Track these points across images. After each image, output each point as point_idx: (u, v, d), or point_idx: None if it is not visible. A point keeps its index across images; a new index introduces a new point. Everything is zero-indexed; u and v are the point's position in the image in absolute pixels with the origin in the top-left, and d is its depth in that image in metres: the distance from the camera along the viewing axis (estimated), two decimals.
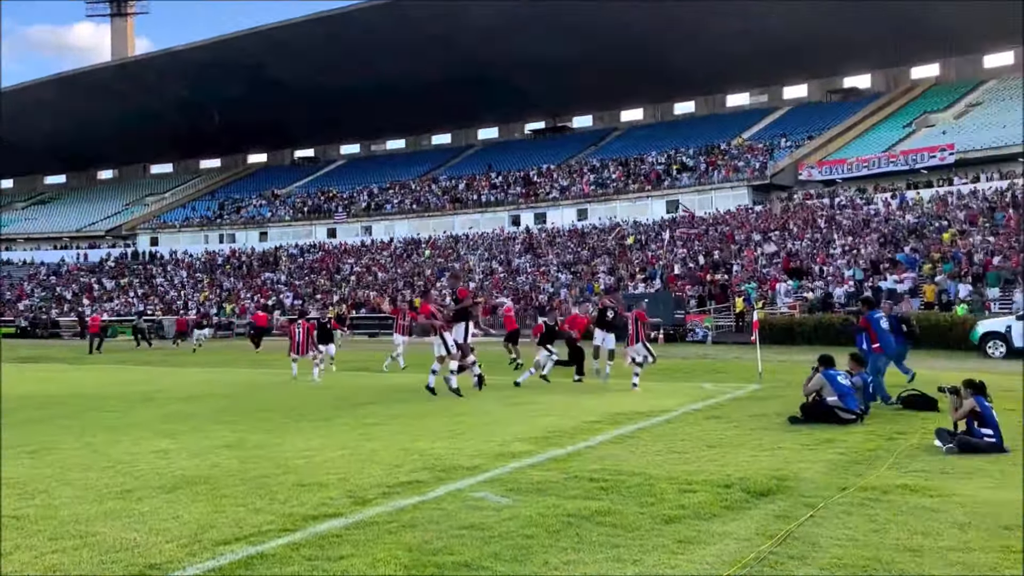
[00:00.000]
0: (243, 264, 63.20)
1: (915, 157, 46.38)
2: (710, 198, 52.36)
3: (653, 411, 10.27)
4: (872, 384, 10.89)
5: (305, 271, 58.96)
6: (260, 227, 69.41)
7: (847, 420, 9.10)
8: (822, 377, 9.68)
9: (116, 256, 69.53)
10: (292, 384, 15.30)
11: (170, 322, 45.11)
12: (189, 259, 66.14)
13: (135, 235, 72.80)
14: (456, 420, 9.73)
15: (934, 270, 31.07)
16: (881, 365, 11.18)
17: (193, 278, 61.93)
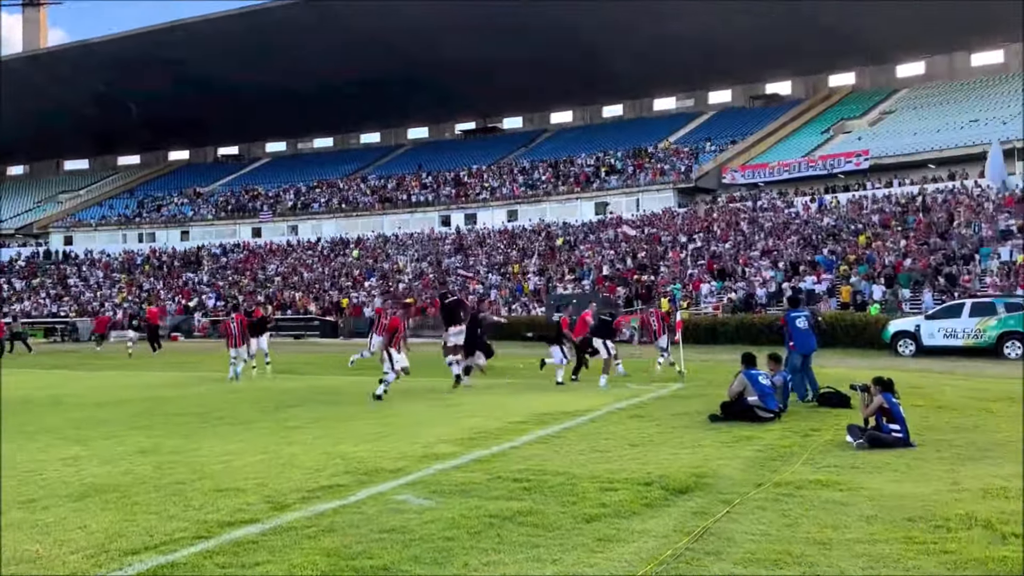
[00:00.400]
0: (163, 264, 61.35)
1: (832, 162, 47.99)
2: (638, 200, 53.17)
3: (578, 411, 10.36)
4: (791, 382, 11.24)
5: (228, 271, 57.56)
6: (181, 226, 67.48)
7: (765, 419, 9.34)
8: (744, 378, 9.90)
9: (27, 256, 66.55)
10: (215, 386, 14.88)
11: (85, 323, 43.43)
12: (106, 259, 63.81)
13: (47, 234, 69.85)
14: (381, 423, 9.62)
15: (849, 271, 32.20)
16: (797, 363, 11.50)
17: (110, 278, 59.78)
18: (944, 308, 21.67)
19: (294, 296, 46.95)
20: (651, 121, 66.48)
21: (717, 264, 36.34)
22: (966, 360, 18.84)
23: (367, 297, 45.55)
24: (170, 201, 71.11)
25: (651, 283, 36.39)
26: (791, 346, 11.58)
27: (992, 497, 5.68)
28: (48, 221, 71.10)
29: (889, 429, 7.80)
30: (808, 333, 11.63)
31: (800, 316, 11.77)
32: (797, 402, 11.03)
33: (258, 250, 60.94)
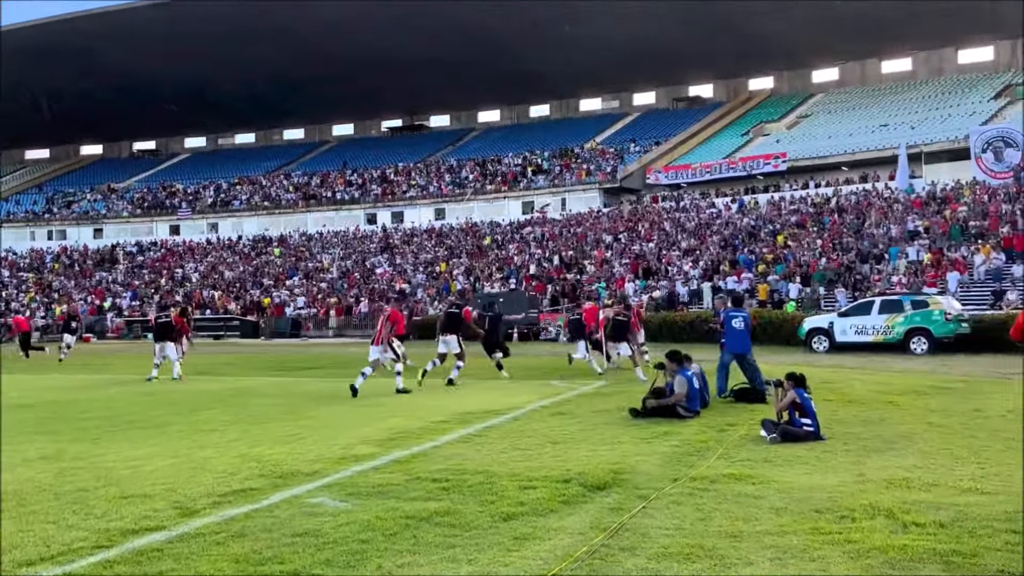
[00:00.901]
0: (75, 263, 58.98)
1: (752, 164, 49.31)
2: (564, 199, 53.62)
3: (502, 409, 10.33)
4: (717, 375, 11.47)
5: (144, 270, 55.69)
6: (95, 223, 65.09)
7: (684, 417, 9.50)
8: (683, 379, 9.79)
9: None
10: (127, 388, 14.28)
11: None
12: (12, 257, 60.94)
13: None
14: (300, 424, 9.41)
15: (768, 270, 33.12)
16: (726, 360, 11.71)
17: (16, 277, 57.12)
18: (855, 306, 22.52)
19: (213, 295, 45.69)
20: (577, 121, 67.19)
21: (641, 263, 36.91)
22: (876, 355, 19.61)
23: (289, 296, 44.68)
24: (82, 197, 68.45)
25: (577, 282, 36.71)
26: (722, 344, 11.78)
27: (895, 488, 5.89)
28: None
29: (801, 423, 8.03)
30: (744, 334, 11.73)
31: (738, 316, 11.85)
32: (716, 396, 11.26)
33: (176, 248, 59.19)
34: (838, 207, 39.91)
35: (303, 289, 45.70)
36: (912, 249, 31.38)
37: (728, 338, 11.76)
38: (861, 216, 37.45)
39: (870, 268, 31.31)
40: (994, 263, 28.44)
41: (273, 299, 43.91)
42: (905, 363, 17.56)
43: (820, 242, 35.05)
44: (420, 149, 67.64)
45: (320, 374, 16.95)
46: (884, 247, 32.67)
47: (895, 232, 33.87)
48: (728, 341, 11.76)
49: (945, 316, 20.25)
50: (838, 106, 58.14)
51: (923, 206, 36.76)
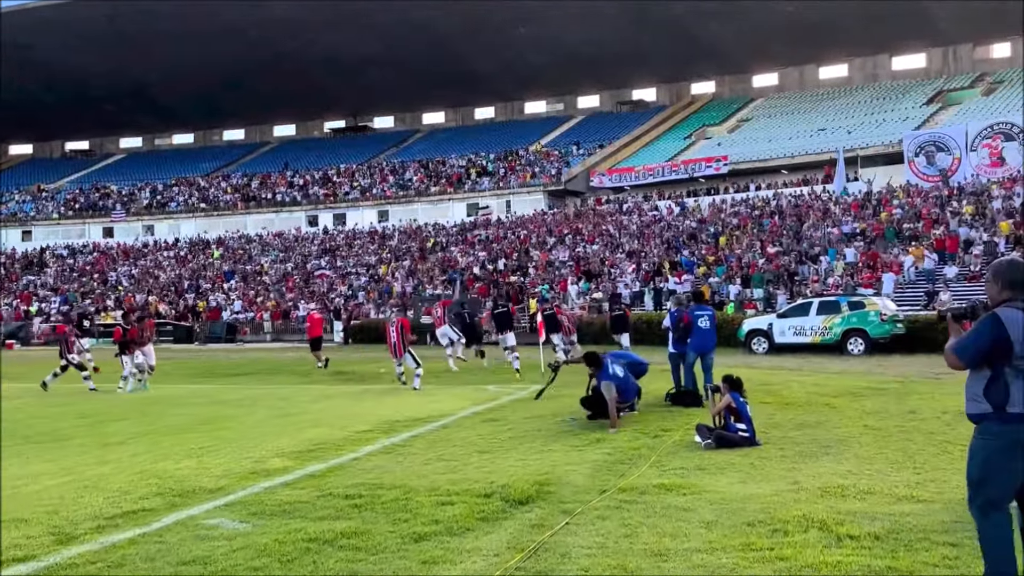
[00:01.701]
0: (0, 265, 56.58)
1: (694, 167, 49.70)
2: (508, 202, 53.35)
3: (431, 416, 9.91)
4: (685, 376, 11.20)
5: (75, 274, 53.72)
6: (23, 225, 62.63)
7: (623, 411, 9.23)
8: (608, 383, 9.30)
9: None
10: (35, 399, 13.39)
11: None
12: None
13: None
14: (214, 435, 8.84)
15: (709, 272, 33.29)
16: (691, 360, 11.38)
17: None
18: (794, 307, 22.62)
19: (145, 300, 44.21)
20: (522, 124, 67.04)
21: (584, 265, 36.80)
22: (814, 356, 19.67)
23: (226, 300, 43.48)
24: (9, 198, 65.81)
25: (521, 284, 36.43)
26: (688, 342, 11.34)
27: (830, 496, 5.65)
28: None
29: (736, 428, 7.79)
30: (710, 332, 11.48)
31: (704, 315, 11.51)
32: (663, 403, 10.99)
33: (109, 251, 57.24)
34: (778, 209, 40.38)
35: (240, 293, 44.51)
36: (849, 250, 31.84)
37: (694, 337, 11.40)
38: (800, 218, 37.94)
39: (808, 269, 31.67)
40: (927, 264, 29.00)
41: (209, 303, 42.67)
42: (842, 364, 17.62)
43: (760, 244, 35.37)
44: (364, 151, 66.74)
45: (250, 380, 16.28)
46: (822, 249, 33.10)
47: (833, 234, 34.35)
48: (693, 340, 11.39)
49: (881, 317, 20.42)
50: (778, 110, 59.04)
51: (859, 208, 37.40)
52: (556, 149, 58.61)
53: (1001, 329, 3.73)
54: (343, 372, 16.77)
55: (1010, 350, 3.72)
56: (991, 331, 3.76)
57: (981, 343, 3.79)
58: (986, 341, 3.78)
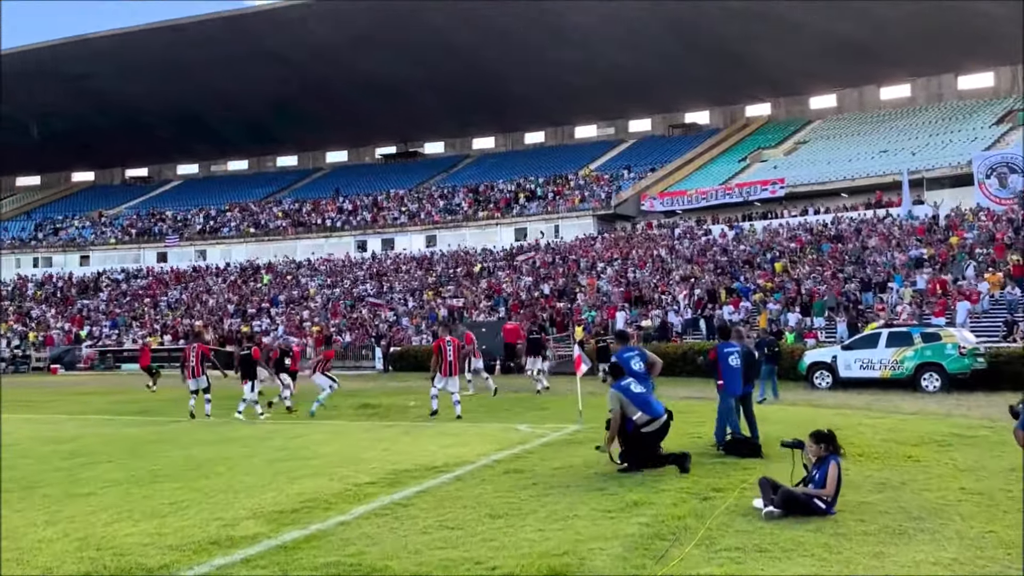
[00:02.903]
0: (58, 290, 57.46)
1: (749, 190, 48.00)
2: (557, 226, 52.31)
3: (447, 464, 8.73)
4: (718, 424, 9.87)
5: (127, 298, 54.17)
6: (81, 250, 63.71)
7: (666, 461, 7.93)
8: (616, 393, 8.28)
9: None
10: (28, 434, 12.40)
11: None
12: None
13: None
14: (196, 485, 7.79)
15: (766, 299, 31.61)
16: (729, 404, 10.02)
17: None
18: (861, 338, 20.80)
19: (191, 325, 44.05)
20: (572, 148, 66.19)
21: (633, 291, 35.39)
22: (883, 393, 17.95)
23: (270, 325, 43.10)
24: (70, 224, 67.14)
25: (567, 310, 35.16)
26: (719, 385, 10.16)
27: None
28: None
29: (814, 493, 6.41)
30: (739, 372, 10.15)
31: (733, 352, 10.18)
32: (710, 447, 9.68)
33: (163, 276, 57.71)
34: (838, 234, 38.48)
35: (285, 318, 44.12)
36: (921, 277, 29.87)
37: (726, 378, 10.09)
38: (862, 243, 36.01)
39: (873, 297, 29.78)
40: (1006, 292, 26.93)
41: (252, 328, 42.29)
42: (917, 403, 15.91)
43: (820, 269, 33.56)
44: (413, 176, 66.58)
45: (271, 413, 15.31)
46: (887, 275, 31.17)
47: (898, 260, 32.39)
48: (726, 381, 10.10)
49: (959, 350, 18.51)
50: (836, 132, 57.04)
51: (926, 232, 35.34)
52: (606, 173, 57.49)
53: None
54: (370, 405, 15.71)
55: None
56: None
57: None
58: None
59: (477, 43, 56.06)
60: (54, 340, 46.17)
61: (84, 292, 56.97)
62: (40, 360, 38.28)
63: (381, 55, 57.74)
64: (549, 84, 59.85)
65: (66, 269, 61.61)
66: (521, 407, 15.36)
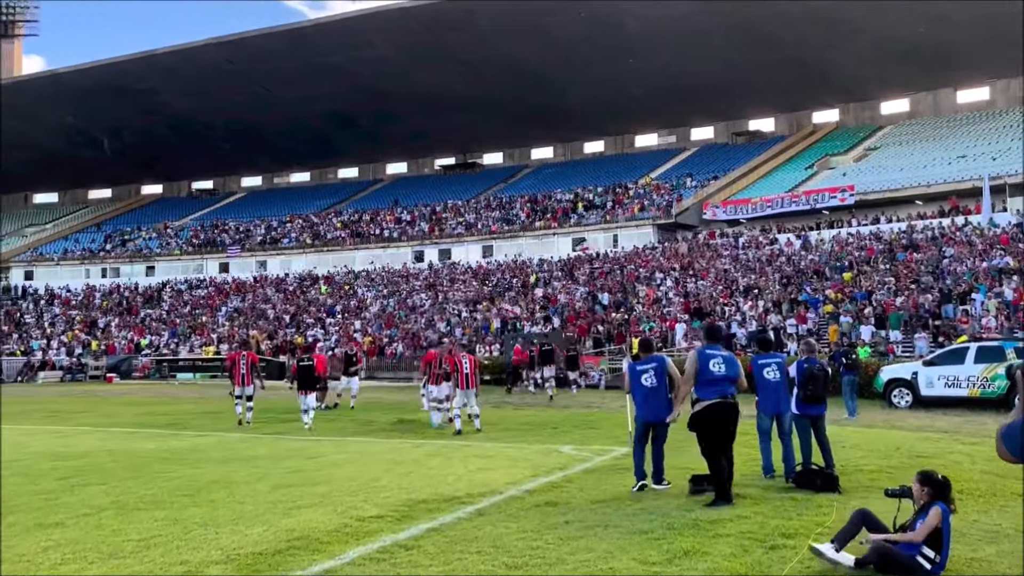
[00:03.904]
0: (123, 300, 58.46)
1: (816, 197, 45.97)
2: (615, 236, 51.02)
3: (469, 495, 7.63)
4: (761, 440, 8.66)
5: (188, 307, 54.76)
6: (147, 261, 64.88)
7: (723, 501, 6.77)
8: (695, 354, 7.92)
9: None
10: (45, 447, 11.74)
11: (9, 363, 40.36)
12: (67, 294, 60.86)
13: (8, 268, 67.01)
14: (181, 515, 6.85)
15: (836, 311, 29.82)
16: (764, 426, 8.81)
17: (67, 315, 56.77)
18: (946, 353, 19.02)
19: (247, 335, 44.10)
20: (632, 157, 64.85)
21: (694, 303, 33.89)
22: (972, 413, 16.25)
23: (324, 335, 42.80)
24: (137, 235, 68.53)
25: (623, 321, 33.86)
26: (756, 402, 8.97)
27: None
28: (9, 255, 68.33)
29: (919, 552, 5.04)
30: (778, 387, 8.82)
31: (770, 364, 8.94)
32: (763, 478, 8.42)
33: (224, 286, 58.26)
34: (911, 242, 36.34)
35: (340, 328, 43.78)
36: (1008, 288, 27.74)
37: (761, 394, 8.89)
38: (940, 252, 33.84)
39: (955, 309, 27.75)
40: None
41: (307, 338, 42.05)
42: None
43: (895, 280, 31.58)
44: (472, 187, 66.11)
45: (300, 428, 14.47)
46: (968, 286, 29.07)
47: (980, 269, 30.24)
48: (761, 398, 8.89)
49: None
50: (910, 137, 54.43)
51: (1009, 242, 33.02)
52: (667, 181, 55.96)
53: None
54: (406, 421, 14.80)
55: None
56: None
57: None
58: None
59: (536, 54, 55.31)
60: (115, 349, 46.77)
61: (148, 302, 57.83)
62: (97, 369, 38.62)
63: (440, 67, 57.45)
64: (609, 93, 58.70)
65: (132, 279, 62.75)
66: (568, 424, 14.21)
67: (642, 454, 8.22)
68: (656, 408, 8.26)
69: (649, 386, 8.31)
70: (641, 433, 8.34)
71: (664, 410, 8.28)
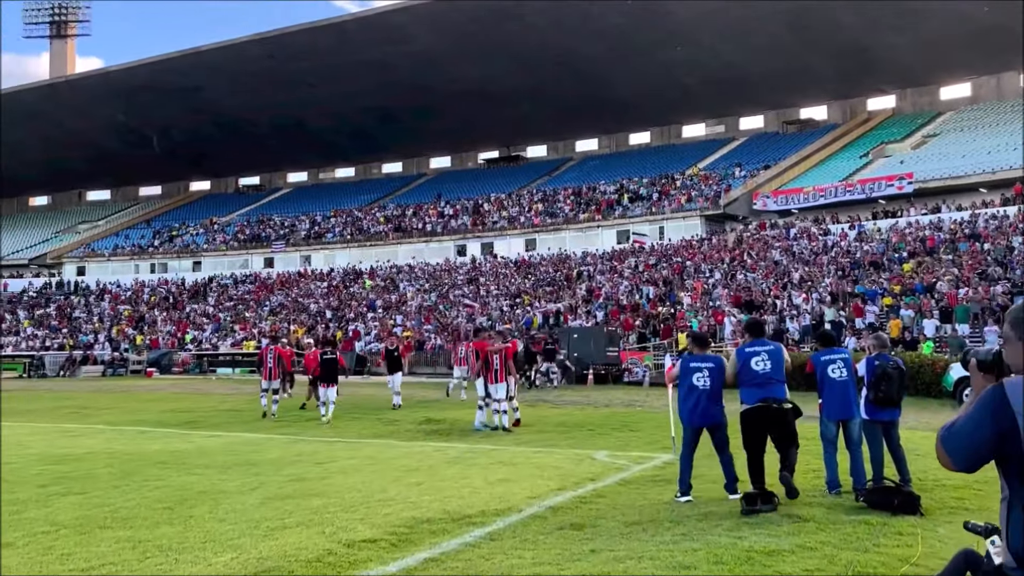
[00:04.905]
0: (170, 295, 58.88)
1: (872, 186, 44.02)
2: (662, 228, 49.62)
3: (484, 512, 6.63)
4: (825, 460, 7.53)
5: (232, 302, 54.86)
6: (194, 256, 65.34)
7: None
8: (734, 355, 7.53)
9: (39, 286, 64.52)
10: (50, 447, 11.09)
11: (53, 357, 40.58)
12: (116, 289, 61.58)
13: (61, 264, 68.21)
14: (142, 536, 6.00)
15: (896, 303, 28.20)
16: (830, 433, 7.67)
17: (115, 310, 57.38)
18: None
19: (288, 329, 43.79)
20: (679, 148, 63.29)
21: (744, 296, 32.46)
22: None
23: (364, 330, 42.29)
24: (184, 231, 69.11)
25: (669, 315, 32.59)
26: (819, 405, 7.85)
27: None
28: (62, 251, 69.57)
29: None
30: (845, 387, 7.66)
31: (835, 360, 7.78)
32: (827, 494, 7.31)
33: (269, 281, 58.32)
34: (974, 232, 34.37)
35: (379, 323, 43.24)
36: None
37: (826, 395, 7.72)
38: (1007, 242, 31.88)
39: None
40: None
41: (347, 333, 41.57)
42: None
43: (957, 271, 29.79)
44: (515, 180, 65.22)
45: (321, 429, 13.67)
46: None
47: None
48: (826, 400, 7.72)
49: None
50: (972, 123, 51.93)
51: None
52: (715, 172, 54.31)
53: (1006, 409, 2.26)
54: (433, 420, 13.91)
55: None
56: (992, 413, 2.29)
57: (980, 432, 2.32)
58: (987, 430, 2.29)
59: (580, 44, 54.06)
60: (159, 343, 46.93)
61: (194, 297, 58.15)
62: (139, 363, 38.63)
63: (483, 60, 56.60)
64: (656, 83, 57.20)
65: (179, 274, 63.23)
66: (607, 426, 13.14)
67: (690, 463, 7.38)
68: (710, 412, 7.46)
69: (702, 387, 7.46)
70: (691, 439, 7.49)
71: (720, 414, 7.49)
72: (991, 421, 2.36)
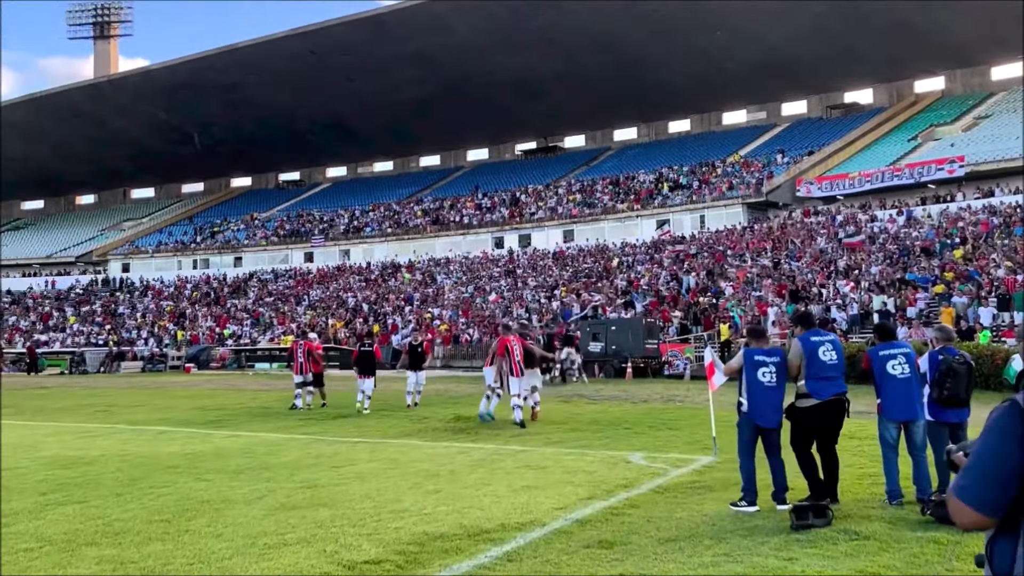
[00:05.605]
0: (212, 290, 59.39)
1: (921, 170, 42.47)
2: (702, 216, 48.56)
3: (504, 526, 6.03)
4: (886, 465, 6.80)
5: (272, 297, 55.10)
6: (235, 252, 65.87)
7: None
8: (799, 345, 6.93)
9: (85, 283, 65.65)
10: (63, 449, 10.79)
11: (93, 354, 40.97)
12: (160, 285, 62.35)
13: (106, 261, 69.33)
14: (127, 555, 5.51)
15: (949, 291, 27.02)
16: (890, 436, 6.97)
17: (159, 306, 58.05)
18: None
19: (325, 323, 43.74)
20: (719, 135, 62.03)
21: (789, 285, 31.44)
22: None
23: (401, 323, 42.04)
24: (225, 227, 69.70)
25: (712, 305, 31.71)
26: (878, 405, 7.13)
27: None
28: (108, 249, 70.73)
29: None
30: (908, 385, 6.91)
31: (895, 356, 7.02)
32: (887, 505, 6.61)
33: (308, 275, 58.51)
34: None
35: (417, 316, 42.97)
36: None
37: (885, 393, 6.99)
38: None
39: None
40: None
41: (385, 326, 41.36)
42: None
43: (1015, 256, 28.44)
44: (553, 170, 64.54)
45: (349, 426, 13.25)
46: None
47: None
48: (886, 399, 6.99)
49: None
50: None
51: None
52: (757, 159, 53.01)
53: None
54: (462, 418, 13.40)
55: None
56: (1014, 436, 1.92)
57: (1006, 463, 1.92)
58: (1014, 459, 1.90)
59: (618, 31, 53.08)
60: (199, 339, 47.25)
61: (235, 292, 58.56)
62: (178, 359, 38.85)
63: (520, 50, 55.97)
64: (697, 69, 56.02)
65: (221, 270, 63.77)
66: (643, 423, 12.48)
67: (753, 464, 6.80)
68: (775, 411, 6.91)
69: (767, 383, 6.89)
70: (751, 438, 6.92)
71: (781, 414, 6.97)
72: (1017, 446, 1.94)
